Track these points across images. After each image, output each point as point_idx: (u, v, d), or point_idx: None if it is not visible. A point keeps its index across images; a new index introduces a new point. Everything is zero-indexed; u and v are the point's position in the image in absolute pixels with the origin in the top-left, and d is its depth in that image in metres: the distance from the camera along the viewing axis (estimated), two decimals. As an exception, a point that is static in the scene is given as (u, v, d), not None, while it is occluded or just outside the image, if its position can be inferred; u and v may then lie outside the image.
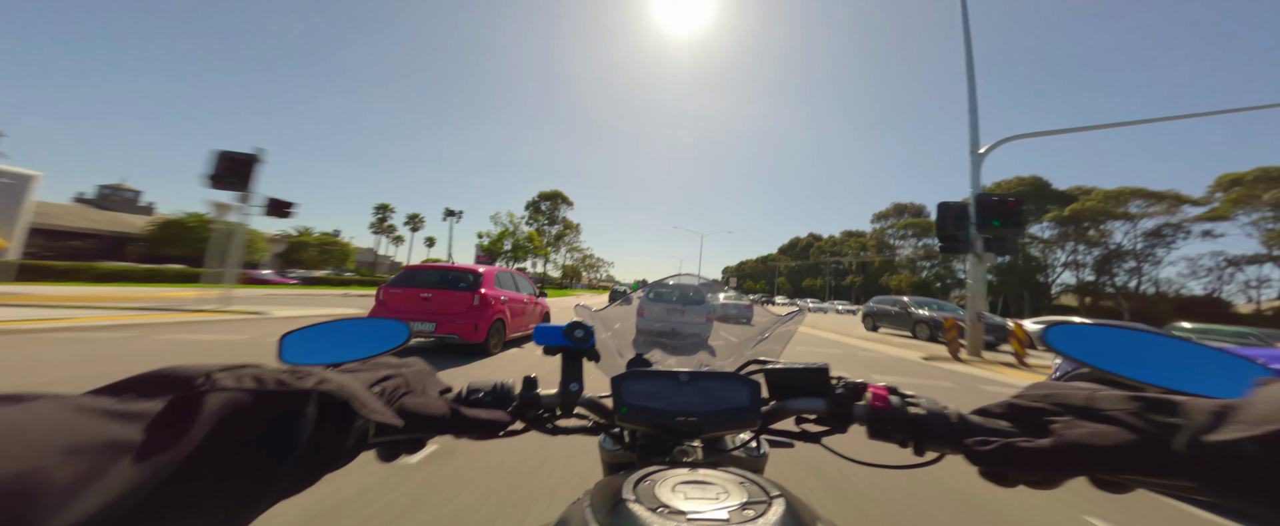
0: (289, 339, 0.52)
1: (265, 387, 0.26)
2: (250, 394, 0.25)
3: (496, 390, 0.49)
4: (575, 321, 0.54)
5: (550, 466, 2.54)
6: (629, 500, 0.33)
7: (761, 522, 0.30)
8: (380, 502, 2.08)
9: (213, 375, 0.25)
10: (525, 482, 2.35)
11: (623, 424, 0.52)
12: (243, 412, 0.25)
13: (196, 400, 0.23)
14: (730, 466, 0.40)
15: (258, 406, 0.25)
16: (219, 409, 0.24)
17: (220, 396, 0.24)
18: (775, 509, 0.31)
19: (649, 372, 0.52)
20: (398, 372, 0.43)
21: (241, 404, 0.25)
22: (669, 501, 0.33)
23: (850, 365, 7.81)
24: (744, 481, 0.36)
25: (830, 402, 0.49)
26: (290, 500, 0.27)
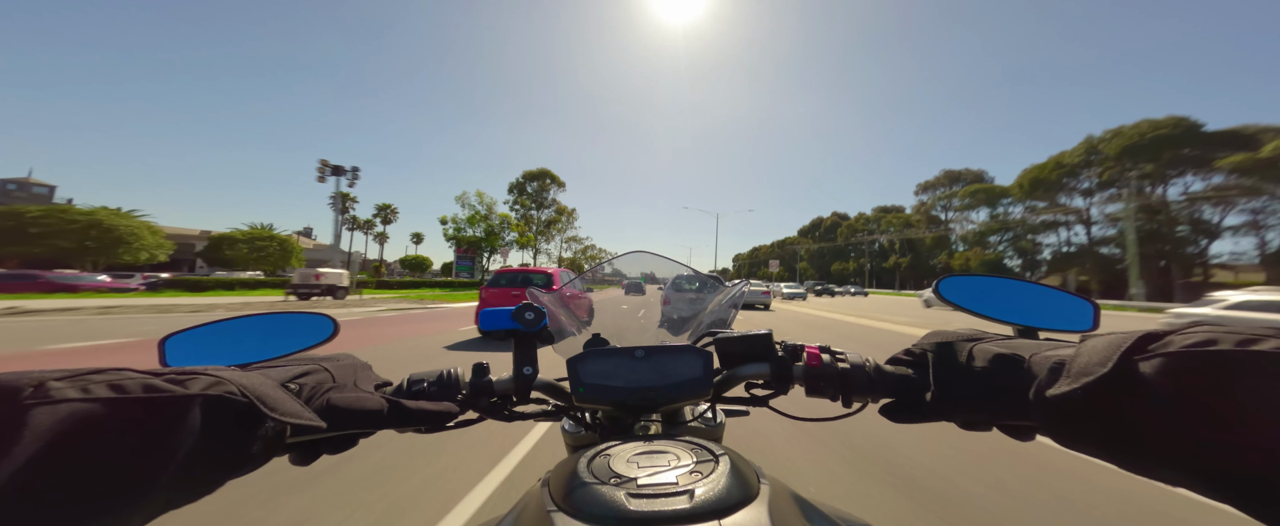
0: (172, 342, 0.46)
1: (126, 395, 0.23)
2: (105, 403, 0.22)
3: (443, 379, 0.47)
4: (526, 303, 0.53)
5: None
6: (584, 475, 0.34)
7: (706, 481, 0.32)
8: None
9: (46, 385, 0.22)
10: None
11: (581, 404, 0.52)
12: (94, 425, 0.22)
13: (18, 418, 0.20)
14: (687, 436, 0.41)
15: (117, 416, 0.22)
16: (54, 425, 0.20)
17: (53, 410, 0.21)
18: (721, 467, 0.33)
19: (604, 351, 0.52)
20: (321, 367, 0.40)
21: (91, 416, 0.22)
22: (622, 471, 0.34)
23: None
24: (694, 447, 0.38)
25: (773, 366, 0.51)
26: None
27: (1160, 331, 0.25)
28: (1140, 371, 0.24)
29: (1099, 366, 0.26)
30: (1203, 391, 0.22)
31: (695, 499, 0.30)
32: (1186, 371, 0.22)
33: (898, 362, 0.47)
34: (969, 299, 0.51)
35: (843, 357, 0.48)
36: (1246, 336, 0.22)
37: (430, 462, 2.59)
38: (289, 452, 0.36)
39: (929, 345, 0.43)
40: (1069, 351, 0.30)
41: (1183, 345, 0.23)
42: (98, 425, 0.22)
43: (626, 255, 0.80)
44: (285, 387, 0.35)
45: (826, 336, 7.82)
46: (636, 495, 0.30)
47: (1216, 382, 0.21)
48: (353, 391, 0.39)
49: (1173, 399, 0.23)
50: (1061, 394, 0.27)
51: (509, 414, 0.53)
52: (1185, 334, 0.23)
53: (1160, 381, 0.23)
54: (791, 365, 0.50)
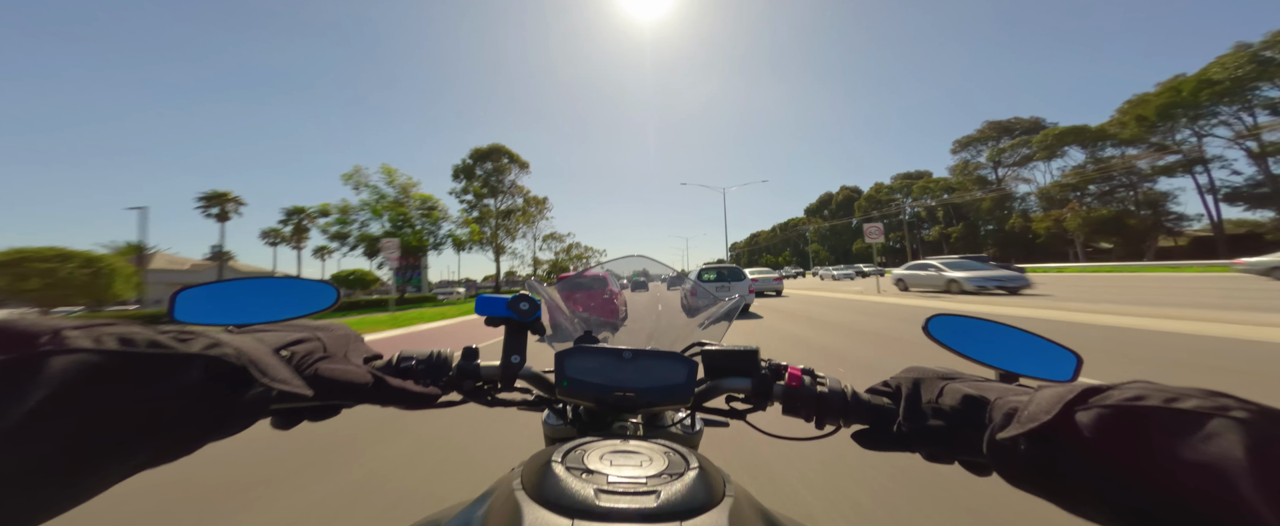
0: (183, 296, 0.47)
1: (134, 349, 0.24)
2: (113, 356, 0.23)
3: (432, 359, 0.49)
4: (522, 293, 0.54)
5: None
6: (556, 466, 0.34)
7: (674, 484, 0.32)
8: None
9: (62, 333, 0.22)
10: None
11: (563, 397, 0.53)
12: (100, 375, 0.22)
13: (35, 361, 0.21)
14: (663, 440, 0.42)
15: (122, 370, 0.23)
16: (65, 370, 0.21)
17: (67, 359, 0.21)
18: (689, 472, 0.34)
19: (593, 349, 0.53)
20: (314, 336, 0.41)
21: (99, 367, 0.22)
22: (594, 466, 0.35)
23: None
24: (668, 451, 0.38)
25: (755, 382, 0.52)
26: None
27: (1103, 386, 0.27)
28: (1078, 421, 0.26)
29: (1043, 414, 0.28)
30: (1129, 443, 0.24)
31: (661, 499, 0.31)
32: (1117, 423, 0.25)
33: (876, 392, 0.48)
34: (956, 339, 0.53)
35: (822, 382, 0.49)
36: (1172, 395, 0.24)
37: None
38: (273, 416, 0.37)
39: (905, 379, 0.45)
40: (1025, 398, 0.32)
41: (1118, 400, 0.25)
42: (103, 374, 0.22)
43: (623, 258, 0.84)
44: (278, 354, 0.35)
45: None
46: (605, 490, 0.31)
47: (1141, 435, 0.24)
48: (341, 363, 0.39)
49: (1102, 447, 0.25)
50: (1009, 437, 0.30)
51: (492, 399, 0.54)
52: (1123, 389, 0.26)
53: (1093, 432, 0.25)
54: (773, 383, 0.51)
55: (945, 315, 0.56)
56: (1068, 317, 7.20)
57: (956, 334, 0.54)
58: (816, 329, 7.33)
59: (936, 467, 0.44)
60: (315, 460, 2.41)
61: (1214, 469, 0.21)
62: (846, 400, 0.47)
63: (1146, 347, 4.87)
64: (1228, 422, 0.22)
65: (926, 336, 0.55)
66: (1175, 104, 34.79)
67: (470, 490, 0.37)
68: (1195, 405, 0.23)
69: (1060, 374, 0.49)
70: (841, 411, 0.47)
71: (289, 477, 2.21)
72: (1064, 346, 0.51)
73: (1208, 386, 0.24)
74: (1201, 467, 0.21)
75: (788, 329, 7.60)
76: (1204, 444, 0.22)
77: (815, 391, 0.48)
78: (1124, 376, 0.52)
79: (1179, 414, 0.23)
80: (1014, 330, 0.53)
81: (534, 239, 63.75)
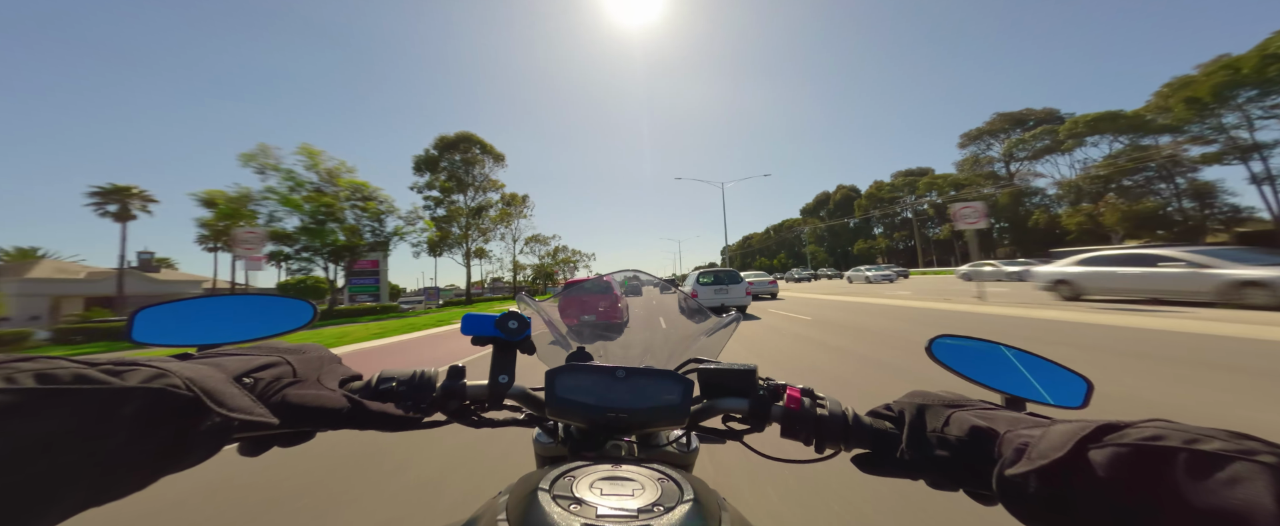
0: (141, 316, 0.44)
1: (54, 385, 0.22)
2: (27, 394, 0.21)
3: (414, 379, 0.47)
4: (511, 311, 0.52)
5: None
6: (543, 494, 0.33)
7: (666, 515, 0.31)
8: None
9: None
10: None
11: (553, 417, 0.51)
12: (16, 415, 0.21)
13: None
14: (659, 462, 0.41)
15: (42, 407, 0.21)
16: None
17: None
18: (683, 501, 0.33)
19: (584, 367, 0.51)
20: (283, 359, 0.39)
21: (16, 406, 0.21)
22: (583, 496, 0.34)
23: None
24: (662, 479, 0.37)
25: (753, 403, 0.50)
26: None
27: (1120, 423, 0.26)
28: (1092, 459, 0.25)
29: (1055, 451, 0.27)
30: (1146, 484, 0.23)
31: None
32: (1134, 464, 0.24)
33: (878, 416, 0.46)
34: (961, 362, 0.51)
35: (822, 403, 0.48)
36: (1193, 436, 0.23)
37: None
38: (245, 448, 0.36)
39: (908, 404, 0.44)
40: (1037, 432, 0.31)
41: (1135, 439, 0.24)
42: (19, 416, 0.21)
43: (620, 272, 0.86)
44: (240, 381, 0.33)
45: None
46: (593, 523, 0.30)
47: (1159, 477, 0.23)
48: (313, 388, 0.38)
49: (1117, 488, 0.24)
50: (1019, 474, 0.29)
51: (478, 419, 0.52)
52: (1140, 428, 0.25)
53: (1108, 471, 0.24)
54: (771, 404, 0.50)
55: (949, 337, 0.54)
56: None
57: (961, 356, 0.52)
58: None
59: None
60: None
61: (1236, 516, 0.20)
62: (847, 423, 0.46)
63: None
64: (1253, 467, 0.21)
65: (930, 359, 0.53)
66: (1234, 83, 30.73)
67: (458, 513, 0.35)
68: (1218, 448, 0.22)
69: (1070, 400, 0.48)
70: (842, 435, 0.45)
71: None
72: (1074, 371, 0.50)
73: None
74: (1223, 514, 0.20)
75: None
76: (1227, 489, 0.21)
77: (815, 413, 0.47)
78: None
79: (1201, 456, 0.22)
80: (1021, 353, 0.51)
81: (513, 240, 57.89)
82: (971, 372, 0.50)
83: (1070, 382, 0.49)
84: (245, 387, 0.33)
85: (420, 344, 9.11)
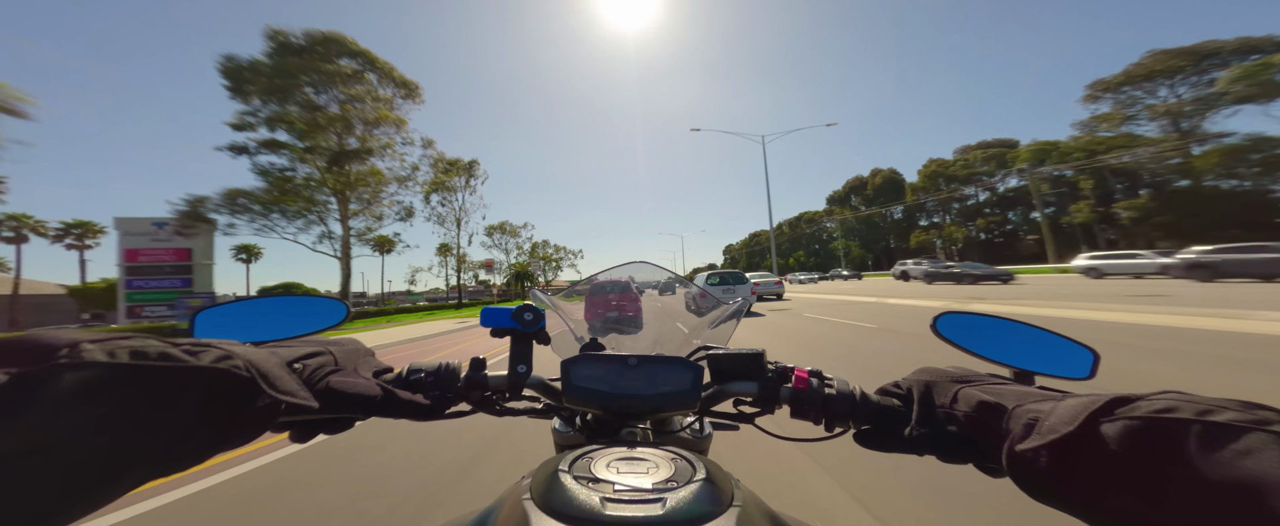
0: (202, 316, 0.49)
1: (146, 362, 0.24)
2: (125, 369, 0.23)
3: (440, 371, 0.49)
4: (526, 303, 0.55)
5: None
6: (564, 475, 0.35)
7: (681, 491, 0.32)
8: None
9: (80, 346, 0.23)
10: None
11: (569, 404, 0.53)
12: (113, 387, 0.23)
13: (53, 374, 0.21)
14: (670, 445, 0.42)
15: (135, 382, 0.24)
16: (80, 383, 0.22)
17: (82, 372, 0.22)
18: (697, 479, 0.34)
19: (598, 356, 0.53)
20: (326, 350, 0.41)
21: (112, 378, 0.23)
22: (601, 475, 0.35)
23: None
24: (676, 458, 0.38)
25: (762, 385, 0.51)
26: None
27: (1131, 396, 0.26)
28: (1103, 433, 0.25)
29: (1065, 425, 0.27)
30: (1158, 457, 0.23)
31: (667, 507, 0.31)
32: (1144, 436, 0.23)
33: (886, 393, 0.47)
34: (967, 338, 0.52)
35: (830, 383, 0.49)
36: (1206, 407, 0.23)
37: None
38: (287, 430, 0.39)
39: (916, 381, 0.44)
40: (1047, 406, 0.31)
41: (1147, 412, 0.24)
42: (116, 387, 0.23)
43: (627, 264, 0.88)
44: (290, 367, 0.36)
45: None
46: (612, 499, 0.31)
47: (1172, 450, 0.22)
48: (352, 376, 0.40)
49: (1129, 461, 0.24)
50: (1029, 449, 0.29)
51: (500, 409, 0.54)
52: (1152, 400, 0.25)
53: (1120, 444, 0.24)
54: (779, 386, 0.51)
55: (954, 313, 0.54)
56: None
57: (967, 332, 0.52)
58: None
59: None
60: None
61: (1251, 487, 0.20)
62: (855, 402, 0.47)
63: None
64: (1268, 437, 0.20)
65: (935, 335, 0.53)
66: None
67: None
68: (1231, 418, 0.22)
69: (1077, 371, 0.49)
70: (850, 413, 0.46)
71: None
72: (1080, 342, 0.50)
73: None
74: (1237, 485, 0.20)
75: None
76: (1240, 460, 0.20)
77: (823, 393, 0.48)
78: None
79: (1214, 427, 0.22)
80: (1027, 327, 0.52)
81: (457, 223, 39.45)
82: (978, 348, 0.50)
83: (1077, 354, 0.50)
84: (294, 373, 0.35)
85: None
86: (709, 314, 0.75)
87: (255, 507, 2.14)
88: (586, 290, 0.86)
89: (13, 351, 0.22)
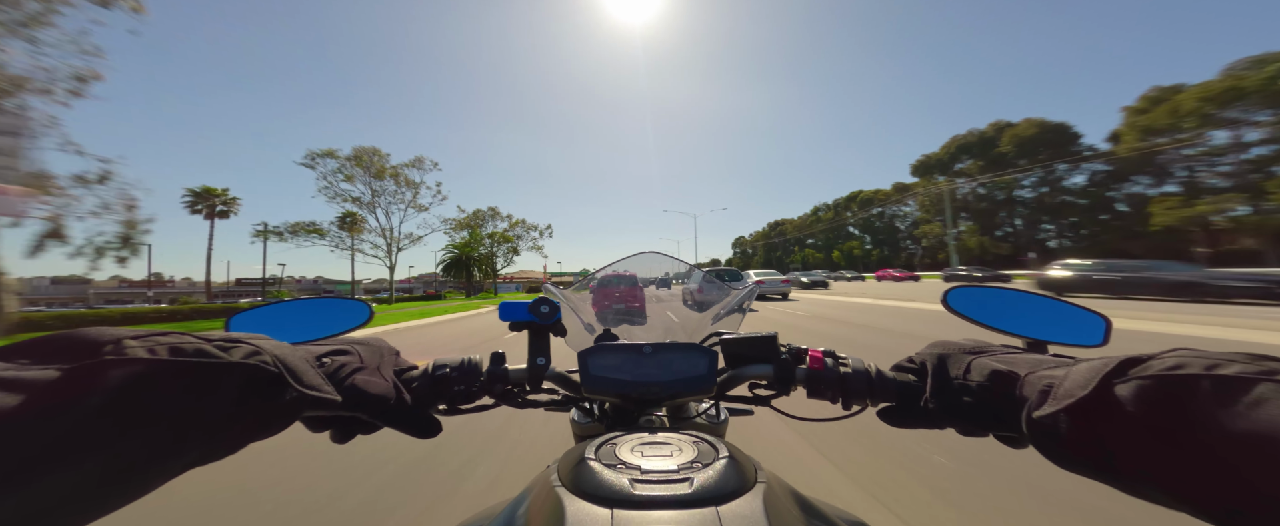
0: (237, 319, 0.52)
1: (184, 357, 0.25)
2: (165, 364, 0.24)
3: (463, 366, 0.50)
4: (541, 297, 0.57)
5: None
6: (590, 460, 0.35)
7: (706, 471, 0.33)
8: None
9: (123, 343, 0.24)
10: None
11: (588, 395, 0.54)
12: (154, 382, 0.24)
13: (100, 369, 0.23)
14: (690, 430, 0.42)
15: (173, 377, 0.25)
16: (124, 379, 0.23)
17: (126, 368, 0.23)
18: (720, 459, 0.34)
19: (613, 346, 0.53)
20: (353, 349, 0.42)
21: (153, 373, 0.24)
22: (627, 459, 0.36)
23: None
24: (697, 441, 0.39)
25: (776, 368, 0.52)
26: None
27: (1142, 356, 0.26)
28: (1118, 394, 0.25)
29: (1080, 389, 0.27)
30: (1173, 414, 0.23)
31: (695, 486, 0.31)
32: (1157, 395, 0.24)
33: (901, 369, 0.47)
34: (978, 310, 0.52)
35: (845, 362, 0.49)
36: (1214, 361, 0.23)
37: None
38: (323, 428, 0.40)
39: (929, 354, 0.44)
40: (1061, 372, 0.31)
41: (1158, 370, 0.24)
42: (156, 381, 0.24)
43: (638, 256, 0.89)
44: (317, 363, 0.37)
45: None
46: (639, 480, 0.32)
47: (1182, 405, 0.23)
48: (375, 375, 0.41)
49: (1146, 420, 0.24)
50: (1046, 414, 0.29)
51: (522, 401, 0.55)
52: (1162, 358, 0.25)
53: (1135, 404, 0.24)
54: (794, 367, 0.51)
55: (964, 287, 0.55)
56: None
57: (977, 304, 0.52)
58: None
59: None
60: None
61: (1264, 436, 0.20)
62: (871, 379, 0.47)
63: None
64: (1275, 386, 0.21)
65: (946, 309, 0.53)
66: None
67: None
68: (1239, 370, 0.22)
69: (1090, 338, 0.49)
70: (867, 391, 0.47)
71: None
72: (1091, 309, 0.50)
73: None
74: (1250, 436, 0.20)
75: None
76: (1252, 411, 0.21)
77: (839, 372, 0.48)
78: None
79: (1223, 380, 0.22)
80: (1036, 297, 0.52)
81: (370, 184, 34.22)
82: (990, 319, 0.51)
83: (1089, 321, 0.50)
84: (320, 369, 0.37)
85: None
86: (715, 305, 0.76)
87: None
88: (594, 283, 0.86)
89: (61, 348, 0.23)
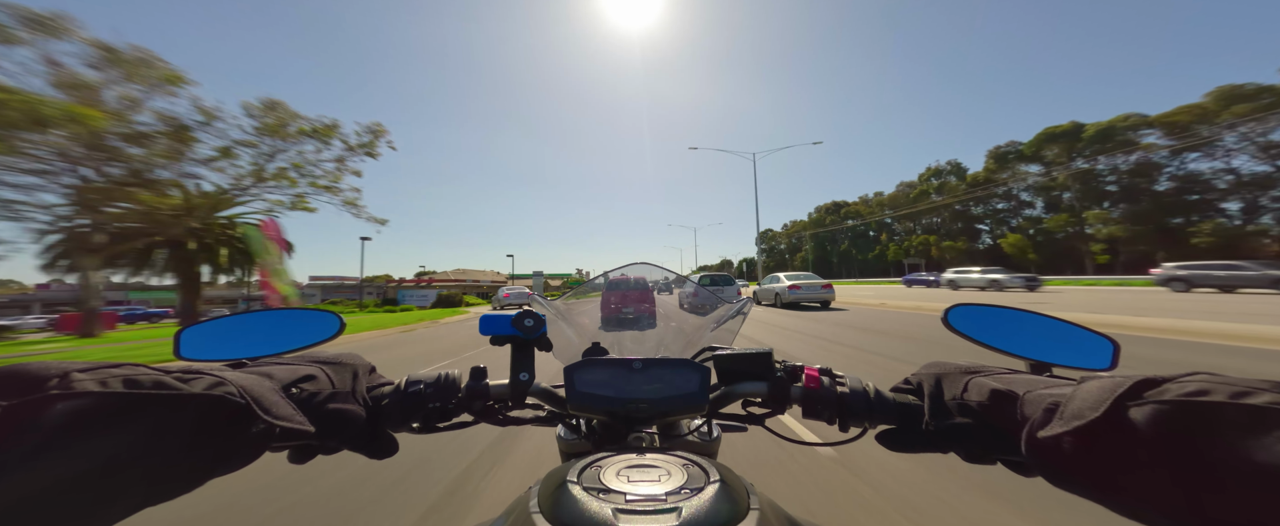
0: (186, 334, 0.48)
1: (140, 389, 0.24)
2: (118, 398, 0.23)
3: (439, 382, 0.48)
4: (526, 310, 0.54)
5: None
6: (572, 485, 0.33)
7: (695, 499, 0.31)
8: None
9: (70, 376, 0.23)
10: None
11: (575, 412, 0.52)
12: (105, 418, 0.23)
13: (41, 405, 0.21)
14: (680, 450, 0.41)
15: (127, 410, 0.23)
16: (69, 415, 0.22)
17: (74, 403, 0.22)
18: (711, 485, 0.33)
19: (602, 361, 0.51)
20: (322, 372, 0.41)
21: (105, 409, 0.23)
22: (611, 484, 0.34)
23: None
24: (687, 464, 0.37)
25: (771, 385, 0.50)
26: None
27: (1158, 378, 0.25)
28: (1131, 418, 0.24)
29: (1091, 410, 0.26)
30: (1191, 441, 0.22)
31: (682, 516, 0.29)
32: (1177, 421, 0.22)
33: (900, 390, 0.46)
34: (979, 330, 0.50)
35: (842, 381, 0.48)
36: (1241, 389, 0.22)
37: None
38: (283, 452, 0.38)
39: (926, 375, 0.43)
40: (1066, 391, 0.30)
41: (1177, 394, 0.23)
42: (109, 416, 0.23)
43: (630, 266, 0.87)
44: (286, 391, 0.36)
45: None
46: (624, 510, 0.30)
47: (1205, 434, 0.22)
48: (347, 400, 0.40)
49: (1160, 447, 0.23)
50: (1053, 435, 0.27)
51: (504, 418, 0.53)
52: (1181, 382, 0.24)
53: (1150, 429, 0.23)
54: (790, 386, 0.50)
55: (965, 305, 0.53)
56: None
57: (979, 324, 0.51)
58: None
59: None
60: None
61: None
62: (870, 399, 0.45)
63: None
64: None
65: (946, 328, 0.51)
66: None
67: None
68: (1269, 401, 0.21)
69: (1097, 362, 0.46)
70: (865, 412, 0.45)
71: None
72: (1099, 332, 0.48)
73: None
74: (1276, 471, 0.19)
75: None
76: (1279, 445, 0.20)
77: (836, 392, 0.47)
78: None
79: (1251, 410, 0.21)
80: (1041, 317, 0.50)
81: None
82: (991, 339, 0.49)
83: (1096, 345, 0.48)
84: (290, 398, 0.35)
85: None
86: (710, 314, 0.75)
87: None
88: (600, 286, 0.86)
89: (3, 381, 0.21)
